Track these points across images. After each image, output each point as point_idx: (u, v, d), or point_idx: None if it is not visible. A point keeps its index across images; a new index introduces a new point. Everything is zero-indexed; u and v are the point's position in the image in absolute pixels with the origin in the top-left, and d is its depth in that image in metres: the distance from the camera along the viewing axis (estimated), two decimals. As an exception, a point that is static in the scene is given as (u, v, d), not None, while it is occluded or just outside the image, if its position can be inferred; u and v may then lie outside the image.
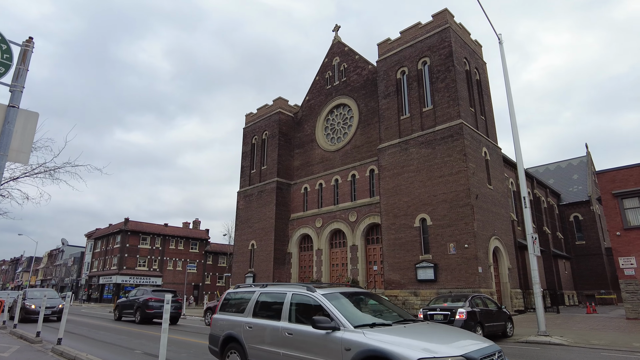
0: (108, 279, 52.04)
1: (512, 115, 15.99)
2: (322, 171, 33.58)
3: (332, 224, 31.42)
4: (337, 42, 36.07)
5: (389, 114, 27.81)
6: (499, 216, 25.20)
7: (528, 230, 14.59)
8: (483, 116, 27.06)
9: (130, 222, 53.57)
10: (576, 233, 43.17)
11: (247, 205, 37.73)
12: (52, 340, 11.27)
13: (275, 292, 6.79)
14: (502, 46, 16.91)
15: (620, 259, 20.02)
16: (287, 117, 38.07)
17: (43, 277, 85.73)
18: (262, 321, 6.53)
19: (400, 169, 25.91)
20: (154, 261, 53.99)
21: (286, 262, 34.18)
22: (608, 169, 21.46)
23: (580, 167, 47.51)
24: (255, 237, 35.71)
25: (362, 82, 32.55)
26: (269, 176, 36.40)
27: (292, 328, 5.98)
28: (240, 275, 36.20)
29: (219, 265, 62.13)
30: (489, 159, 25.73)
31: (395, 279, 24.52)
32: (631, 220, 20.20)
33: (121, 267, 50.96)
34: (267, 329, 6.36)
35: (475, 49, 28.76)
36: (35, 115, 5.59)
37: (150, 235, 54.39)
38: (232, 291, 7.88)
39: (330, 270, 31.23)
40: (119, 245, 52.56)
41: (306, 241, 33.98)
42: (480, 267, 21.37)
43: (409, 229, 24.55)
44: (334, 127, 34.41)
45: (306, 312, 6.00)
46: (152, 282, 52.41)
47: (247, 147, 40.24)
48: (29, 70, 5.66)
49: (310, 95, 37.21)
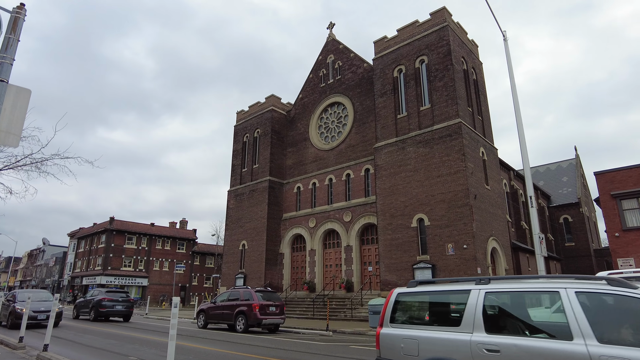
0: (92, 280, 50.47)
1: (518, 112, 15.63)
2: (316, 170, 33.00)
3: (326, 224, 30.86)
4: (332, 40, 35.57)
5: (386, 113, 27.40)
6: (496, 217, 24.99)
7: (535, 230, 14.21)
8: (480, 116, 26.87)
9: (116, 221, 52.13)
10: (566, 235, 43.49)
11: (238, 205, 36.91)
12: (38, 346, 10.45)
13: (529, 290, 4.37)
14: (507, 43, 16.53)
15: (619, 259, 19.93)
16: (280, 115, 37.40)
17: (22, 278, 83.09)
18: (522, 341, 4.07)
19: (397, 169, 25.51)
20: (140, 261, 52.61)
21: (278, 263, 33.48)
22: (607, 169, 21.41)
23: (569, 170, 47.95)
24: (247, 237, 34.92)
25: (357, 80, 32.10)
26: (260, 175, 35.66)
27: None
28: (230, 276, 35.36)
29: (207, 266, 61.00)
30: (486, 159, 25.52)
31: (391, 280, 24.07)
32: (630, 222, 20.15)
33: (106, 267, 49.49)
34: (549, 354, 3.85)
35: (472, 48, 28.58)
36: (27, 93, 4.89)
37: (137, 235, 53.01)
38: (407, 291, 5.42)
39: (324, 271, 30.65)
40: (103, 244, 51.07)
41: (299, 241, 33.34)
42: (479, 268, 21.08)
43: (406, 229, 24.15)
44: (328, 126, 33.88)
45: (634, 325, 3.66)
46: (138, 282, 51.06)
47: (238, 145, 39.41)
48: (20, 41, 4.96)
49: (303, 93, 36.61)
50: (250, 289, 17.23)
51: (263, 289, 17.92)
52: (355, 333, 17.04)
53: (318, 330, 17.46)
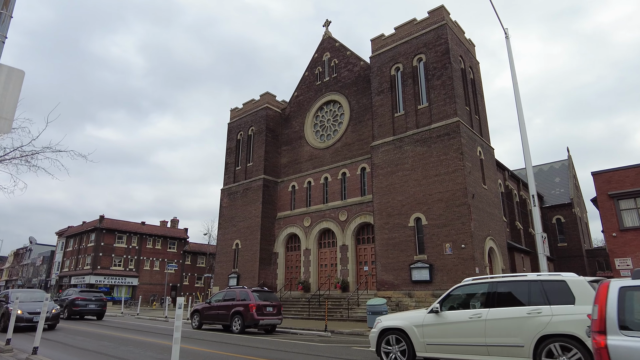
0: (81, 279, 49.49)
1: (520, 110, 15.48)
2: (311, 169, 32.64)
3: (321, 223, 30.52)
4: (328, 38, 35.25)
5: (383, 111, 27.15)
6: (493, 217, 24.89)
7: (537, 230, 14.05)
8: (477, 115, 26.76)
9: (106, 219, 51.20)
10: (558, 235, 43.74)
11: (232, 203, 36.40)
12: (27, 349, 9.95)
13: None
14: (509, 41, 16.37)
15: (617, 260, 19.91)
16: (274, 112, 36.98)
17: (8, 277, 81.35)
18: None
19: (395, 167, 25.27)
20: (130, 261, 51.74)
21: (272, 263, 33.06)
22: (604, 169, 21.39)
23: (562, 171, 48.25)
24: (240, 237, 34.43)
25: (354, 78, 31.82)
26: (255, 173, 35.19)
27: None
28: (223, 276, 34.83)
29: (198, 265, 60.29)
30: (483, 159, 25.41)
31: (388, 279, 23.83)
32: (627, 222, 20.14)
33: (95, 266, 48.56)
34: None
35: (469, 47, 28.47)
36: (20, 74, 4.48)
37: (127, 234, 52.13)
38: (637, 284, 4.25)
39: (319, 270, 30.31)
40: (93, 243, 50.11)
41: (293, 241, 32.95)
42: (478, 267, 20.92)
43: (403, 228, 23.92)
44: (323, 124, 33.54)
45: None
46: (128, 282, 50.20)
47: (231, 143, 38.87)
48: (13, 17, 4.54)
49: (299, 91, 36.23)
50: (247, 289, 16.82)
51: (260, 289, 17.52)
52: (353, 334, 16.74)
53: (315, 331, 17.12)
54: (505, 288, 7.62)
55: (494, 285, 7.76)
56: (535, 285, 7.24)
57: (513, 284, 7.63)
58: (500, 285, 7.72)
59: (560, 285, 7.00)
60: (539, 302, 7.02)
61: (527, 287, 7.35)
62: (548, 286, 7.10)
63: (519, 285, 7.51)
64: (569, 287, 6.88)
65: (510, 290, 7.57)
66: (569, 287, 6.88)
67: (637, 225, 19.85)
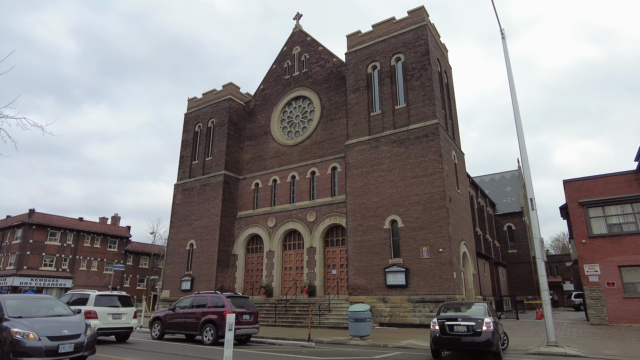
0: (2, 281, 43.64)
1: (517, 112, 15.17)
2: (277, 166, 30.98)
3: (287, 224, 28.93)
4: (299, 31, 33.86)
5: (358, 109, 26.26)
6: (465, 221, 24.83)
7: (535, 234, 13.70)
8: (451, 120, 26.71)
9: (37, 214, 45.66)
10: (509, 242, 45.55)
11: (187, 200, 33.70)
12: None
13: None
14: (505, 42, 16.13)
15: (585, 265, 20.42)
16: (238, 105, 34.87)
17: None
18: None
19: (370, 167, 24.41)
20: (64, 260, 46.52)
21: (231, 265, 30.88)
22: (574, 178, 22.00)
23: (512, 180, 50.52)
24: (196, 236, 31.87)
25: (326, 75, 30.69)
26: (214, 169, 32.84)
27: None
28: (175, 279, 32.02)
29: (140, 266, 55.90)
30: (457, 163, 25.33)
31: (361, 284, 22.82)
32: (596, 229, 20.75)
33: (21, 266, 43.03)
34: None
35: (444, 52, 28.48)
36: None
37: (61, 231, 46.86)
38: None
39: (283, 274, 28.67)
40: (19, 240, 44.42)
41: (255, 242, 31.04)
42: (455, 272, 20.52)
43: (378, 230, 23.07)
44: (292, 120, 32.05)
45: None
46: (60, 284, 45.06)
47: (188, 135, 36.14)
48: None
49: (265, 84, 34.44)
50: (221, 294, 14.93)
51: (233, 294, 15.68)
52: (335, 343, 15.44)
53: (294, 341, 15.61)
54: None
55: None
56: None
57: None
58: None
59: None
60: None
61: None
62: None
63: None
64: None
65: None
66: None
67: (605, 232, 20.50)
